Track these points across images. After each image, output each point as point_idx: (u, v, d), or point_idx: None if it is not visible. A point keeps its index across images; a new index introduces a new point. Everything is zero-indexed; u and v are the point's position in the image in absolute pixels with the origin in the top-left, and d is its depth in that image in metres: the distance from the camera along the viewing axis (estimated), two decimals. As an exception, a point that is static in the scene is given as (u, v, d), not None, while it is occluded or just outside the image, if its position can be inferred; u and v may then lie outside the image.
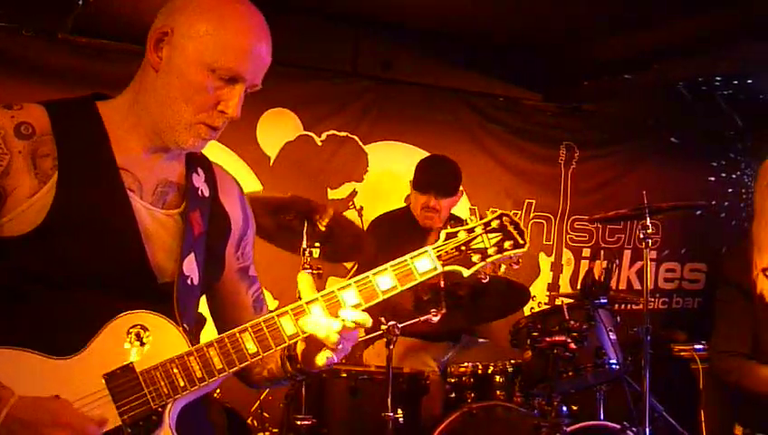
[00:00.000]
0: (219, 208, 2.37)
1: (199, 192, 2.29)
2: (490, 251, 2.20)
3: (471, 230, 2.21)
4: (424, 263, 2.16)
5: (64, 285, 2.03)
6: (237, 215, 2.43)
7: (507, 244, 2.20)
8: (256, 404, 5.02)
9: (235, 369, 2.09)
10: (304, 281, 2.24)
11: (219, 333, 2.39)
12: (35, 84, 5.11)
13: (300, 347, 2.21)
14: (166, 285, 2.14)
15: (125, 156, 2.16)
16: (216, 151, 5.47)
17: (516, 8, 5.83)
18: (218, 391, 4.40)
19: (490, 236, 2.21)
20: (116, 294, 2.06)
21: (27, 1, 5.09)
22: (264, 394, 5.03)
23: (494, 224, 2.22)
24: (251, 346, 2.09)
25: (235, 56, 2.09)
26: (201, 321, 2.38)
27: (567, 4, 5.67)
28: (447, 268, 2.18)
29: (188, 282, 2.20)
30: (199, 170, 2.33)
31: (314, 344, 2.15)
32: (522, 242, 2.22)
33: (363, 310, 2.12)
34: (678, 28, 5.61)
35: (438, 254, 2.18)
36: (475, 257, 2.19)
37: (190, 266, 2.20)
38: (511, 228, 2.22)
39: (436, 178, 5.24)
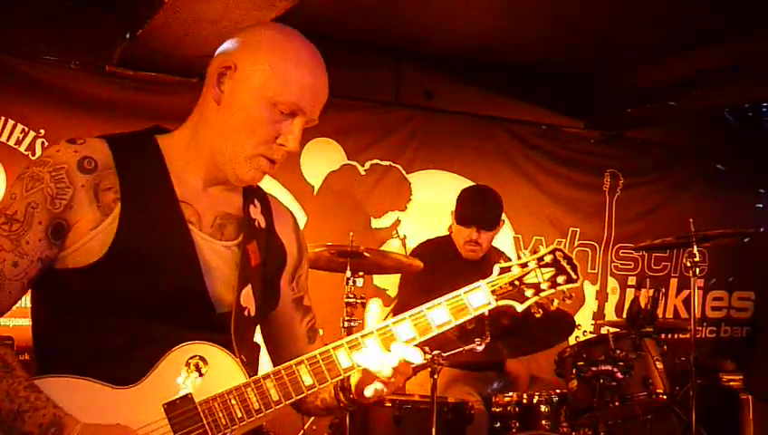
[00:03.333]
0: (275, 240, 2.42)
1: (256, 223, 2.34)
2: (543, 286, 2.20)
3: (524, 265, 2.21)
4: (478, 297, 2.17)
5: (125, 316, 2.07)
6: (293, 246, 2.48)
7: (560, 279, 2.21)
8: (301, 433, 5.01)
9: (291, 401, 2.10)
10: (373, 311, 2.18)
11: (273, 361, 2.48)
12: (84, 116, 5.20)
13: (354, 379, 2.22)
14: (223, 316, 2.18)
15: (184, 189, 2.21)
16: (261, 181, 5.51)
17: (557, 36, 5.84)
18: (263, 419, 4.41)
19: (543, 271, 2.21)
20: (175, 325, 2.10)
21: (75, 36, 5.19)
22: (309, 423, 5.02)
23: (548, 259, 2.22)
24: (307, 378, 2.10)
25: (296, 90, 2.14)
26: (256, 348, 2.41)
27: (609, 31, 5.67)
28: (501, 303, 2.18)
29: (245, 313, 2.23)
30: (255, 202, 2.38)
31: (367, 377, 2.15)
32: (575, 277, 2.22)
33: (417, 344, 2.14)
34: (723, 53, 5.58)
35: (492, 288, 2.18)
36: (529, 292, 2.19)
37: (247, 298, 2.24)
38: (564, 263, 2.22)
39: (477, 212, 5.22)
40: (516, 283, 2.19)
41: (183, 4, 4.15)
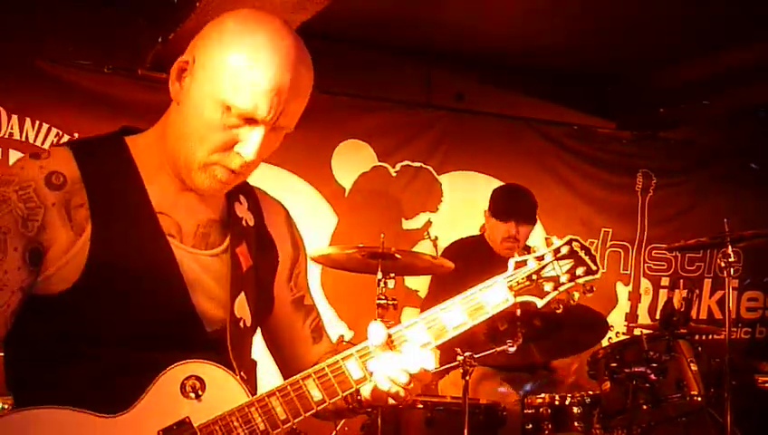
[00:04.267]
0: (266, 237, 2.24)
1: (243, 222, 2.16)
2: (563, 279, 2.06)
3: (541, 258, 2.08)
4: (495, 295, 2.03)
5: (108, 342, 1.90)
6: (286, 242, 2.30)
7: (580, 270, 2.07)
8: (333, 434, 5.02)
9: (299, 419, 1.93)
10: (374, 331, 2.02)
11: (278, 366, 2.33)
12: (117, 119, 5.17)
13: (368, 386, 2.04)
14: (216, 333, 2.02)
15: (161, 197, 2.01)
16: (291, 183, 5.54)
17: (589, 37, 5.81)
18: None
19: (561, 263, 2.07)
20: (165, 347, 1.92)
21: (108, 40, 5.23)
22: (341, 425, 5.03)
23: (564, 250, 2.08)
24: (316, 394, 1.93)
25: (248, 95, 1.87)
26: (253, 365, 2.20)
27: (641, 31, 5.63)
28: (519, 299, 2.04)
29: (241, 325, 2.08)
30: (241, 198, 2.19)
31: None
32: (594, 268, 2.08)
33: (435, 347, 2.00)
34: (756, 51, 5.53)
35: (509, 284, 2.04)
36: (548, 286, 2.06)
37: (241, 307, 2.08)
38: (582, 254, 2.09)
39: (516, 205, 5.22)
40: (534, 277, 2.06)
41: (214, 7, 4.18)
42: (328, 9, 4.19)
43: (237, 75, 1.87)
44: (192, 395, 1.89)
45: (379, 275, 4.46)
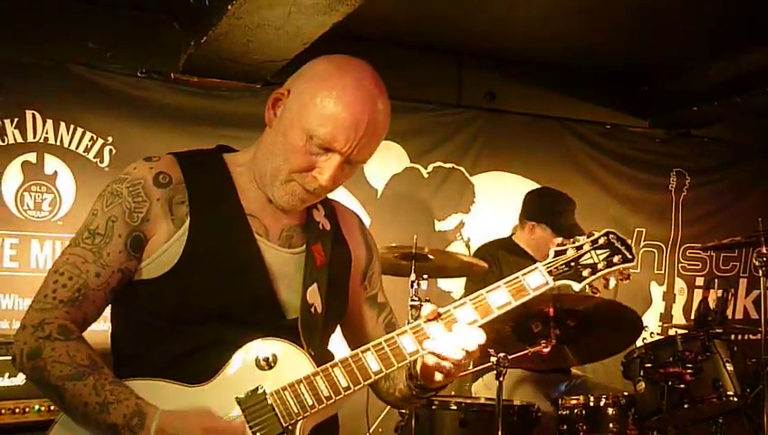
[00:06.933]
0: (341, 241, 2.51)
1: (320, 226, 2.44)
2: (600, 265, 2.25)
3: (579, 247, 2.27)
4: (535, 278, 2.22)
5: (197, 323, 2.18)
6: (360, 246, 2.59)
7: (616, 258, 2.25)
8: (367, 435, 5.03)
9: (359, 387, 2.16)
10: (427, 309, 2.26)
11: None
12: (151, 123, 5.31)
13: (418, 365, 2.27)
14: (293, 321, 2.26)
15: (251, 203, 2.31)
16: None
17: (621, 36, 5.78)
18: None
19: (598, 252, 2.27)
20: (247, 329, 2.18)
21: (141, 44, 5.28)
22: (374, 426, 5.03)
23: (602, 241, 2.28)
24: (374, 365, 2.17)
25: (330, 127, 2.15)
26: (329, 355, 2.42)
27: (673, 30, 5.60)
28: (559, 282, 2.24)
29: (312, 310, 2.31)
30: (318, 206, 2.47)
31: (434, 361, 2.20)
32: (630, 256, 2.27)
33: (480, 326, 2.18)
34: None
35: (549, 269, 2.24)
36: (585, 272, 2.25)
37: (313, 296, 2.32)
38: (618, 244, 2.28)
39: (574, 224, 5.15)
40: (572, 264, 2.25)
41: (246, 10, 4.20)
42: (358, 10, 4.20)
43: (323, 110, 2.16)
44: (266, 367, 2.16)
45: (413, 277, 4.47)
